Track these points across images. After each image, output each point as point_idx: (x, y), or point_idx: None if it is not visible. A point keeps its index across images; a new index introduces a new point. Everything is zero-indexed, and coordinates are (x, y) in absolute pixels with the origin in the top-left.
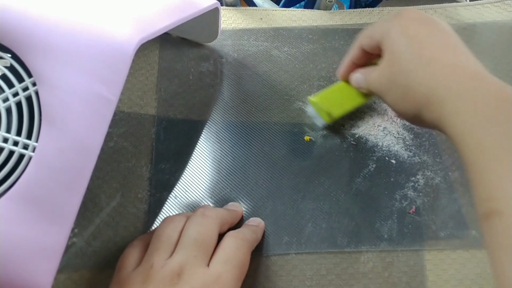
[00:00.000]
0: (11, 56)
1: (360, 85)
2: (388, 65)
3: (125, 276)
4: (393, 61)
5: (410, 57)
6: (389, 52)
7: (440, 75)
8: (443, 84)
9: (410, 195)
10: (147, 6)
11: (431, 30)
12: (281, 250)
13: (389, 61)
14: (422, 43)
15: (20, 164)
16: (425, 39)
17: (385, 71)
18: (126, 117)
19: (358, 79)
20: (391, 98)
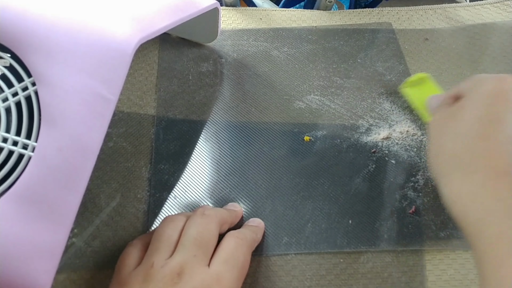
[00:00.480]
0: (11, 56)
1: (429, 107)
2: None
3: (125, 276)
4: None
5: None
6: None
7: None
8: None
9: (410, 195)
10: (147, 6)
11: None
12: (280, 251)
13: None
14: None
15: (20, 164)
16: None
17: (447, 116)
18: (125, 117)
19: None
20: (431, 142)
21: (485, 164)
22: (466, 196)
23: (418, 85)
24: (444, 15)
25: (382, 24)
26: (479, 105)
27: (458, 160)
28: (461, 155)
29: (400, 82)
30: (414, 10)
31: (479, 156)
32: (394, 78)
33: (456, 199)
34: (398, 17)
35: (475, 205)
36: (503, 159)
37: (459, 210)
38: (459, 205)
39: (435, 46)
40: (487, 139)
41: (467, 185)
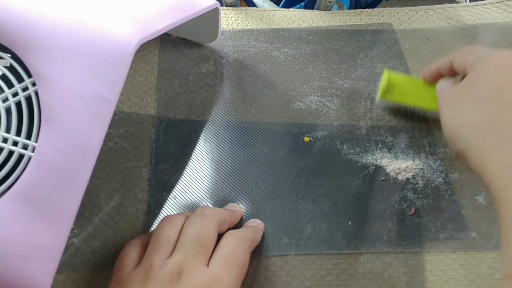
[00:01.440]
0: (11, 56)
1: (440, 92)
2: (463, 89)
3: (124, 276)
4: (469, 89)
5: (488, 98)
6: (470, 79)
7: (505, 136)
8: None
9: (409, 197)
10: (147, 6)
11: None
12: (280, 251)
13: (466, 86)
14: (506, 93)
15: (20, 164)
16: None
17: (457, 91)
18: (125, 118)
19: (444, 87)
20: (448, 118)
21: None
22: (499, 161)
23: (394, 86)
24: (445, 15)
25: (382, 24)
26: (491, 76)
27: (483, 127)
28: (484, 122)
29: None
30: (415, 10)
31: (505, 122)
32: None
33: (489, 164)
34: (399, 17)
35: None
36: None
37: (493, 175)
38: (493, 170)
39: (435, 46)
40: (505, 105)
41: (498, 148)
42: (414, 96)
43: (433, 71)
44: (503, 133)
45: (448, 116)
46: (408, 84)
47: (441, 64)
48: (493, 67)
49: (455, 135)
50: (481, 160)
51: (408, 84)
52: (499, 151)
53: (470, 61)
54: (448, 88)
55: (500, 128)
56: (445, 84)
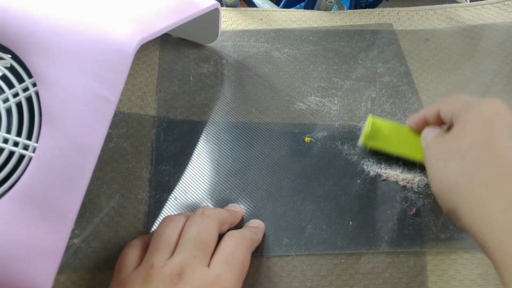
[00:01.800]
0: (11, 56)
1: (425, 141)
2: (450, 142)
3: (125, 277)
4: (456, 142)
5: (476, 152)
6: (457, 132)
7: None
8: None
9: (410, 197)
10: (148, 7)
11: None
12: (281, 252)
13: (453, 139)
14: (494, 146)
15: (21, 165)
16: (499, 144)
17: (444, 143)
18: (126, 118)
19: (429, 136)
20: (436, 174)
21: (502, 186)
22: (487, 219)
23: (378, 133)
24: (445, 15)
25: (382, 25)
26: (477, 129)
27: (467, 183)
28: (473, 179)
29: (400, 83)
30: (415, 11)
31: (490, 177)
32: (395, 79)
33: (483, 226)
34: (399, 18)
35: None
36: None
37: (480, 231)
38: (479, 228)
39: (435, 47)
40: (494, 159)
41: (486, 206)
42: (398, 144)
43: (419, 119)
44: (492, 191)
45: (435, 171)
46: (393, 131)
47: (428, 112)
48: (479, 119)
49: (444, 193)
50: (474, 220)
51: (393, 131)
52: (494, 211)
53: (456, 111)
54: (434, 140)
55: (491, 185)
56: (430, 133)
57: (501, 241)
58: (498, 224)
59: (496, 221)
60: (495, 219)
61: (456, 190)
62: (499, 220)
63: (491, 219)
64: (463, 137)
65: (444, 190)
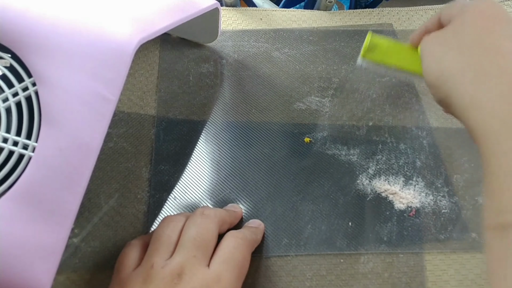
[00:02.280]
0: (11, 56)
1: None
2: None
3: (125, 277)
4: (456, 31)
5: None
6: (452, 27)
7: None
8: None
9: (410, 197)
10: (147, 6)
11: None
12: (280, 252)
13: (452, 29)
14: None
15: (20, 164)
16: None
17: (441, 36)
18: (126, 118)
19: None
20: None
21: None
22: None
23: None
24: None
25: (383, 25)
26: (475, 22)
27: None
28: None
29: (400, 83)
30: (414, 10)
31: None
32: (394, 79)
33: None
34: (399, 17)
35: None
36: None
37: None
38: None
39: None
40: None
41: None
42: (398, 57)
43: (421, 32)
44: (488, 78)
45: (431, 61)
46: (393, 46)
47: (429, 23)
48: (478, 14)
49: (438, 81)
50: (465, 106)
51: (393, 46)
52: (485, 97)
53: (455, 12)
54: (431, 34)
55: (485, 73)
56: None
57: (491, 126)
58: (489, 110)
59: (487, 107)
60: (486, 105)
61: (451, 77)
62: (490, 106)
63: (482, 105)
64: (461, 30)
65: (439, 78)
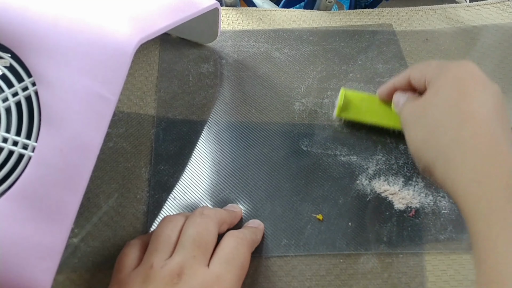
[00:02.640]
0: (11, 56)
1: (397, 109)
2: (427, 102)
3: (124, 276)
4: (433, 101)
5: (451, 104)
6: (432, 92)
7: (469, 134)
8: (466, 141)
9: (409, 197)
10: (147, 6)
11: (485, 90)
12: (280, 252)
13: (428, 99)
14: (468, 97)
15: (20, 164)
16: (473, 94)
17: (421, 105)
18: (125, 118)
19: (400, 102)
20: (413, 136)
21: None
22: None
23: (351, 104)
24: (444, 15)
25: (382, 25)
26: (451, 88)
27: (446, 140)
28: (446, 135)
29: None
30: (414, 11)
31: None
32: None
33: (455, 178)
34: (398, 18)
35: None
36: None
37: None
38: (451, 182)
39: (435, 47)
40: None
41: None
42: (371, 113)
43: (389, 89)
44: (466, 144)
45: (411, 133)
46: (365, 102)
47: (398, 81)
48: (452, 79)
49: (419, 152)
50: (447, 174)
51: (365, 101)
52: (464, 164)
53: (429, 76)
54: (408, 104)
55: (463, 140)
56: (400, 97)
57: (471, 195)
58: (468, 178)
59: (467, 175)
60: (466, 174)
61: (431, 148)
62: (469, 174)
63: (462, 173)
64: (437, 98)
65: (419, 149)
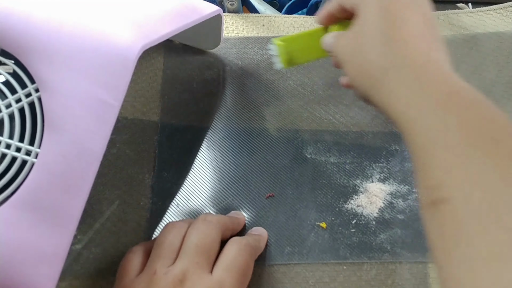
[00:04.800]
0: (14, 62)
1: (329, 49)
2: (356, 34)
3: (127, 283)
4: (362, 31)
5: (379, 32)
6: (361, 20)
7: (399, 59)
8: (398, 65)
9: (414, 207)
10: (150, 13)
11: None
12: (283, 260)
13: (357, 30)
14: (396, 21)
15: (23, 170)
16: (400, 17)
17: (351, 38)
18: (129, 124)
19: (328, 43)
20: (350, 69)
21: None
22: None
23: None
24: (447, 21)
25: None
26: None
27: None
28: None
29: None
30: None
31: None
32: None
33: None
34: None
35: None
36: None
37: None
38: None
39: None
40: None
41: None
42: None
43: (326, 15)
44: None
45: (347, 67)
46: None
47: (330, 7)
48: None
49: (355, 82)
50: (382, 103)
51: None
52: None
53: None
54: (339, 42)
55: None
56: (329, 38)
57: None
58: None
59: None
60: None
61: (365, 79)
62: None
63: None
64: (365, 29)
65: (355, 80)
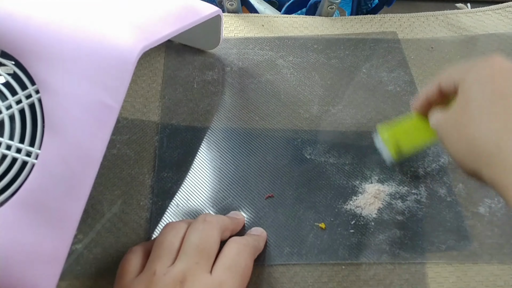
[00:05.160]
0: (14, 63)
1: (433, 125)
2: (458, 111)
3: (127, 283)
4: (464, 108)
5: (484, 109)
6: (463, 97)
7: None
8: None
9: (413, 208)
10: (150, 14)
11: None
12: (282, 261)
13: (460, 107)
14: (501, 97)
15: (23, 171)
16: (506, 93)
17: (452, 117)
18: (129, 124)
19: (432, 118)
20: (453, 148)
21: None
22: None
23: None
24: (446, 21)
25: (387, 33)
26: (485, 86)
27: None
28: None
29: (405, 92)
30: (416, 17)
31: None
32: (399, 88)
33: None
34: (400, 24)
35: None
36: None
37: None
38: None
39: (440, 56)
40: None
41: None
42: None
43: (423, 102)
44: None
45: (451, 148)
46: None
47: (429, 92)
48: (482, 77)
49: (463, 163)
50: (494, 180)
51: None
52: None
53: (457, 78)
54: (441, 117)
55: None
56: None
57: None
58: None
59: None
60: None
61: (474, 158)
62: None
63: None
64: (468, 105)
65: (463, 160)
